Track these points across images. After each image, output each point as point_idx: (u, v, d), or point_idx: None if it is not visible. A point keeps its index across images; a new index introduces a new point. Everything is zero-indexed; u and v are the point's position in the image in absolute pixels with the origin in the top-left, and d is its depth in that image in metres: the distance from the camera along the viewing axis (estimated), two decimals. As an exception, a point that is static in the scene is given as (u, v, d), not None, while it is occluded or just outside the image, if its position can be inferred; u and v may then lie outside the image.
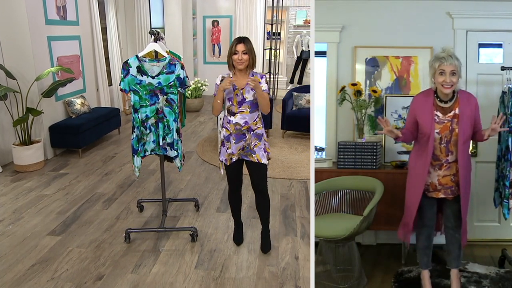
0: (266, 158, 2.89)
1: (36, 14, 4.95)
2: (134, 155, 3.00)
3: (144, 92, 2.88)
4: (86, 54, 6.20)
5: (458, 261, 2.56)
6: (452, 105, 2.39)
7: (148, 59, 2.88)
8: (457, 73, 2.31)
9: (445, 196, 2.47)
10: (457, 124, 2.37)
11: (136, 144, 2.97)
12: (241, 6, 9.80)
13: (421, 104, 2.45)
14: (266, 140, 2.93)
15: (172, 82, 2.85)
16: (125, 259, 2.99)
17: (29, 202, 3.96)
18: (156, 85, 2.88)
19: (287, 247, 3.16)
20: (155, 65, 2.86)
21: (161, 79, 2.87)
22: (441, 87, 2.34)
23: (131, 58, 2.89)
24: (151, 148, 3.06)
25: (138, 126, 2.94)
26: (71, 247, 3.16)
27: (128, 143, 5.97)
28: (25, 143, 4.81)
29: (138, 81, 2.86)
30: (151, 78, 2.87)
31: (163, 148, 3.04)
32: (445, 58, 2.31)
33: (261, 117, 2.93)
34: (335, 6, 3.15)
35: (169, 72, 2.84)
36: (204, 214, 3.74)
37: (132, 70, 2.85)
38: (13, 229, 3.43)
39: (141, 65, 2.85)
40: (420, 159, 2.48)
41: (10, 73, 4.64)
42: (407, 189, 2.61)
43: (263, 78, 2.82)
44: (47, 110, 5.14)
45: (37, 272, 2.83)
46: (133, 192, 4.24)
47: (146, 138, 3.00)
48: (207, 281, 2.74)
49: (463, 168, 2.40)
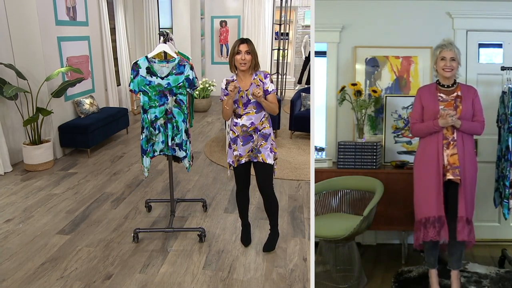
0: (272, 158, 2.87)
1: (47, 15, 5.00)
2: (143, 155, 3.01)
3: (154, 93, 2.89)
4: (95, 55, 6.25)
5: (460, 263, 2.56)
6: (454, 89, 2.56)
7: (158, 60, 2.89)
8: (456, 59, 2.50)
9: (453, 177, 2.47)
10: (460, 103, 2.50)
11: (145, 145, 2.98)
12: (249, 6, 9.80)
13: (425, 90, 2.63)
14: (273, 140, 2.92)
15: (181, 83, 2.86)
16: (133, 259, 3.01)
17: (39, 201, 3.99)
18: (165, 86, 2.89)
19: (295, 249, 3.15)
20: (164, 66, 2.87)
21: (170, 80, 2.88)
22: (442, 71, 2.52)
23: (140, 59, 2.90)
24: (160, 149, 3.07)
25: (147, 127, 2.96)
26: (80, 246, 3.18)
27: (136, 143, 6.00)
28: (35, 143, 4.85)
29: (147, 82, 2.88)
30: (160, 79, 2.88)
31: (172, 148, 3.05)
32: (445, 45, 2.51)
33: (268, 117, 2.91)
34: (335, 6, 3.15)
35: (178, 73, 2.85)
36: (212, 215, 3.74)
37: (142, 71, 2.86)
38: (23, 228, 3.46)
39: (150, 66, 2.86)
40: (431, 140, 2.53)
41: (20, 73, 4.69)
42: (418, 180, 2.56)
43: (267, 77, 2.80)
44: (57, 110, 5.19)
45: (47, 271, 2.85)
46: (141, 192, 4.26)
47: (155, 139, 3.01)
48: (215, 282, 2.74)
49: (461, 141, 2.47)
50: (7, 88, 4.34)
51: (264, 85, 2.80)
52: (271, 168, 2.89)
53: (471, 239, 2.48)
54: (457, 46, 2.55)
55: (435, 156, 2.49)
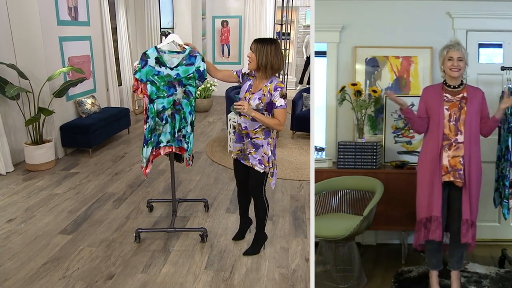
0: (262, 169, 2.77)
1: (49, 15, 5.00)
2: (145, 145, 2.93)
3: (162, 83, 2.83)
4: (96, 54, 6.25)
5: (461, 264, 2.57)
6: (461, 90, 2.53)
7: (168, 51, 2.83)
8: (463, 59, 2.48)
9: (454, 179, 2.45)
10: (465, 104, 2.48)
11: (148, 135, 2.91)
12: (251, 6, 9.80)
13: (430, 90, 2.60)
14: (266, 153, 2.75)
15: (192, 74, 2.80)
16: (135, 259, 3.01)
17: (41, 201, 4.00)
18: (175, 77, 2.83)
19: (297, 249, 3.15)
20: (174, 57, 2.81)
21: (180, 71, 2.83)
22: (449, 71, 2.49)
23: (150, 49, 2.83)
24: (167, 139, 3.02)
25: (153, 117, 2.89)
26: (82, 246, 3.18)
27: (137, 143, 6.00)
28: (36, 143, 4.86)
29: (156, 72, 2.82)
30: (169, 70, 2.82)
31: (178, 140, 3.01)
32: (453, 45, 2.49)
33: (266, 129, 2.74)
34: (335, 6, 3.15)
35: (188, 63, 2.80)
36: (213, 215, 3.74)
37: (151, 61, 2.80)
38: (25, 228, 3.46)
39: (160, 56, 2.80)
40: (431, 140, 2.52)
41: (22, 73, 4.69)
42: (418, 179, 2.57)
43: (277, 90, 2.62)
44: (58, 110, 5.19)
45: (49, 271, 2.85)
46: (143, 192, 4.26)
47: (161, 129, 2.96)
48: (217, 282, 2.74)
49: (468, 144, 2.45)
50: (9, 88, 4.35)
51: (271, 97, 2.66)
52: (260, 174, 2.80)
53: (474, 242, 2.48)
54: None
55: (433, 156, 2.49)
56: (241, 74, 2.87)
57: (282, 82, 2.71)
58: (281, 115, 2.65)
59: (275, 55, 2.63)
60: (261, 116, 2.64)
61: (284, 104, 2.64)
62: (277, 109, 2.65)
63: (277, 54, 2.64)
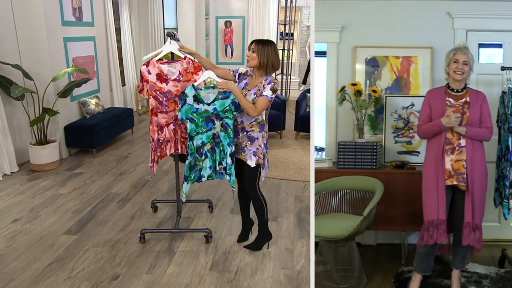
0: (254, 162, 2.87)
1: (53, 15, 5.01)
2: (184, 181, 3.00)
3: (200, 120, 2.91)
4: (100, 55, 6.26)
5: (463, 263, 2.56)
6: (463, 94, 2.53)
7: (204, 88, 2.90)
8: (468, 64, 2.48)
9: (457, 183, 2.45)
10: (468, 109, 2.48)
11: (188, 171, 2.97)
12: (254, 7, 9.81)
13: (434, 93, 2.60)
14: (260, 145, 2.88)
15: (228, 106, 2.86)
16: (140, 259, 3.01)
17: (45, 201, 4.01)
18: (212, 112, 2.90)
19: (302, 250, 3.15)
20: (210, 92, 2.89)
21: (216, 105, 2.89)
22: (453, 74, 2.50)
23: (187, 88, 2.90)
24: (208, 174, 3.04)
25: (192, 153, 2.95)
26: (87, 246, 3.19)
27: (141, 144, 6.02)
28: (41, 143, 4.87)
29: (194, 109, 2.89)
30: (207, 105, 2.89)
31: (220, 173, 3.03)
32: (460, 49, 2.50)
33: (262, 123, 2.88)
34: (335, 6, 3.15)
35: (224, 97, 2.87)
36: (218, 216, 3.74)
37: (189, 99, 2.88)
38: (30, 228, 3.47)
39: (197, 93, 2.88)
40: (434, 143, 2.52)
41: (27, 73, 4.71)
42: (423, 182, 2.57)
43: (269, 84, 2.76)
44: (63, 110, 5.21)
45: (54, 271, 2.86)
46: (147, 192, 4.27)
47: (202, 164, 3.00)
48: (222, 283, 2.74)
49: (470, 148, 2.44)
50: (14, 89, 4.36)
51: (263, 89, 2.78)
52: (253, 170, 2.90)
53: (478, 245, 2.47)
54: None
55: (436, 160, 2.48)
56: (237, 74, 3.00)
57: (276, 79, 2.88)
58: (260, 102, 2.73)
59: (274, 55, 2.80)
60: (240, 94, 2.76)
61: (269, 96, 2.73)
62: (261, 97, 2.74)
63: (276, 54, 2.82)
